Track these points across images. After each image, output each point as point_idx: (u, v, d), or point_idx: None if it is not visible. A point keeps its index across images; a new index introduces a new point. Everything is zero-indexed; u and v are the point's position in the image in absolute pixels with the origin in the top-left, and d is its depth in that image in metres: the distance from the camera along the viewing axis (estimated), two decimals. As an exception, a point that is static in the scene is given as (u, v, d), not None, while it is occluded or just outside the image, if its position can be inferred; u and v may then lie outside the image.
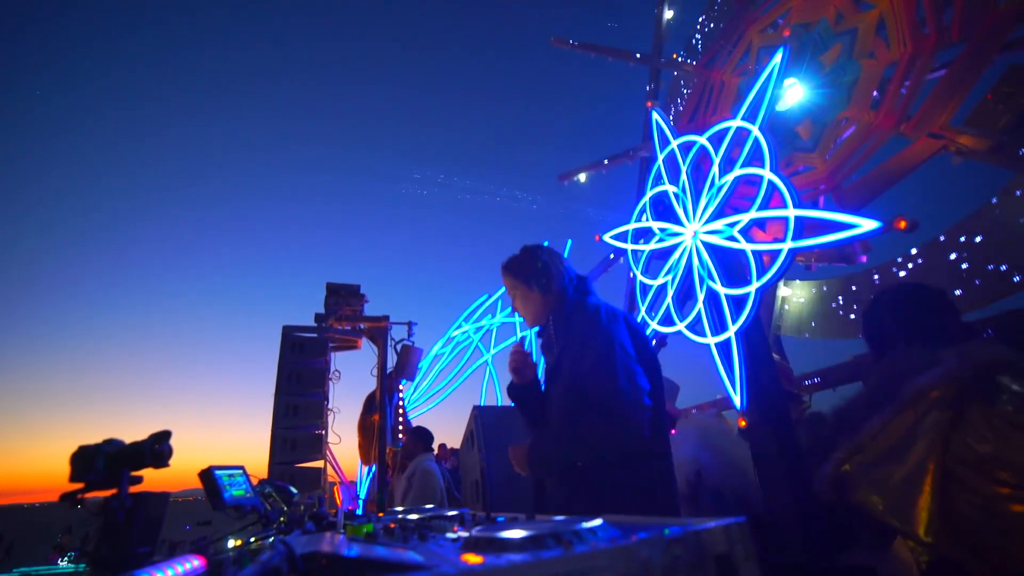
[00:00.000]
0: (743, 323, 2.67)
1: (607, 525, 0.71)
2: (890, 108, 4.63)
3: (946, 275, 4.47)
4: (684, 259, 3.15)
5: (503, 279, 1.97)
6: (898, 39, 4.62)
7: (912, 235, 2.31)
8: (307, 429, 6.52)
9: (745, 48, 6.38)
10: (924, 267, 4.73)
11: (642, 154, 8.12)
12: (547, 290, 1.87)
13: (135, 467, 1.29)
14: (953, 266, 4.44)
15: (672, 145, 3.50)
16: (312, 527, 1.27)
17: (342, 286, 7.17)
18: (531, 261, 1.91)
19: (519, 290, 1.91)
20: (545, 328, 1.89)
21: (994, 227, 4.23)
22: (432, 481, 3.81)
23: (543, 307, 1.89)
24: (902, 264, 4.94)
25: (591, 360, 1.61)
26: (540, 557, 0.55)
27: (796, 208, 2.50)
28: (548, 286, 1.87)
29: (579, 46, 8.15)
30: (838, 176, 5.12)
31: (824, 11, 5.24)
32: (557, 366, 1.76)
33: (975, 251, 4.33)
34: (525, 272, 1.89)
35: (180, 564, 0.83)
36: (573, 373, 1.67)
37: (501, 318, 9.69)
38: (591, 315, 1.73)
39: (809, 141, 5.40)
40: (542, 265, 1.89)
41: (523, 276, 1.89)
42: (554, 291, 1.87)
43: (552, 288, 1.87)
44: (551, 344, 1.83)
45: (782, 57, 2.77)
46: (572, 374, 1.67)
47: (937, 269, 4.57)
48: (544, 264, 1.89)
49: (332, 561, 0.70)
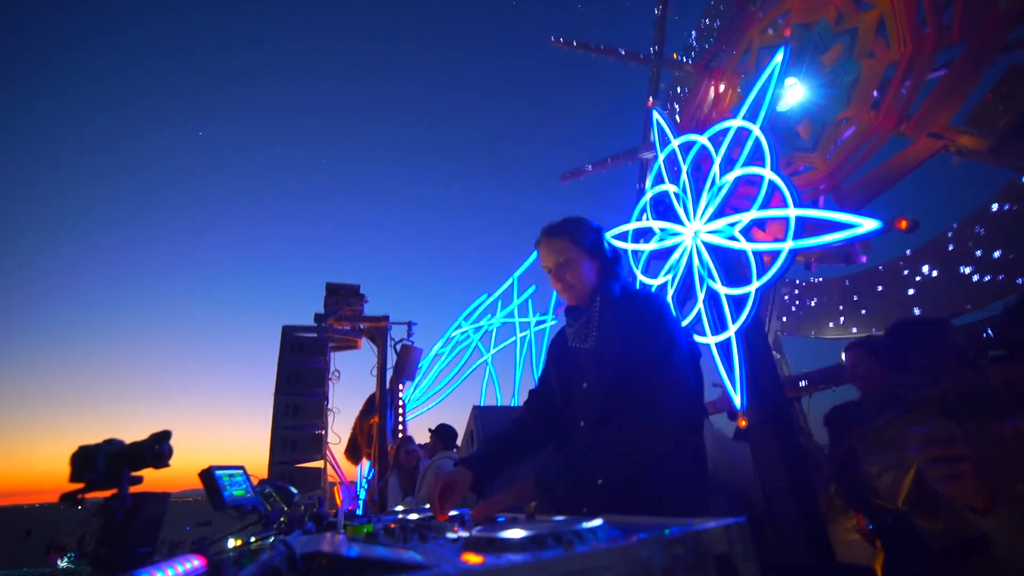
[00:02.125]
0: (743, 323, 2.67)
1: (607, 525, 0.71)
2: (890, 108, 4.63)
3: (947, 275, 4.47)
4: (684, 259, 3.15)
5: (546, 246, 1.67)
6: (898, 39, 4.63)
7: (912, 235, 2.31)
8: (307, 429, 6.52)
9: (745, 48, 6.38)
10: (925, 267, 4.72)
11: (642, 154, 8.12)
12: (606, 259, 1.63)
13: (135, 467, 1.29)
14: (954, 266, 4.44)
15: (672, 145, 3.50)
16: (312, 527, 1.27)
17: (342, 286, 7.17)
18: (589, 227, 1.66)
19: (573, 257, 1.62)
20: (588, 309, 1.61)
21: (995, 227, 4.23)
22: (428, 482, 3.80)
23: (595, 279, 1.63)
24: (903, 264, 4.94)
25: (654, 348, 1.41)
26: (540, 557, 0.55)
27: (796, 208, 2.50)
28: (609, 255, 1.64)
29: (579, 46, 8.16)
30: (838, 176, 5.12)
31: (824, 11, 5.25)
32: (600, 356, 1.52)
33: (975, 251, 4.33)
34: (585, 236, 1.63)
35: (180, 564, 0.83)
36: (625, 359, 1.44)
37: (501, 318, 9.69)
38: (652, 298, 1.56)
39: (809, 141, 5.41)
40: (602, 235, 1.67)
41: (582, 240, 1.62)
42: (613, 261, 1.64)
43: (612, 256, 1.65)
44: (590, 329, 1.58)
45: (782, 57, 2.77)
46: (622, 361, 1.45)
47: (938, 269, 4.57)
48: (601, 232, 1.68)
49: (332, 561, 0.70)
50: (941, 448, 0.87)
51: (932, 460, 0.88)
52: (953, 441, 0.87)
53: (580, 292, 1.62)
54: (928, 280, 4.67)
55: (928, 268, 4.69)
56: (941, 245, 4.61)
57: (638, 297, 1.56)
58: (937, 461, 0.87)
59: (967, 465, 0.86)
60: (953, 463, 0.86)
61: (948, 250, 4.53)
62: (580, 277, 1.61)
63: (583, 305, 1.62)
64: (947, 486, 0.88)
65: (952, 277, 4.44)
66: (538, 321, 9.45)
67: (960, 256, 4.43)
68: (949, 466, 0.87)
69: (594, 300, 1.60)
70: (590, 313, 1.59)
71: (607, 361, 1.48)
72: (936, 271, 4.59)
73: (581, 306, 1.62)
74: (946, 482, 0.88)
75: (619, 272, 1.64)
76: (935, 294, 4.57)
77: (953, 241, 4.51)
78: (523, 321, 9.56)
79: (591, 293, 1.61)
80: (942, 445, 0.87)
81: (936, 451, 0.87)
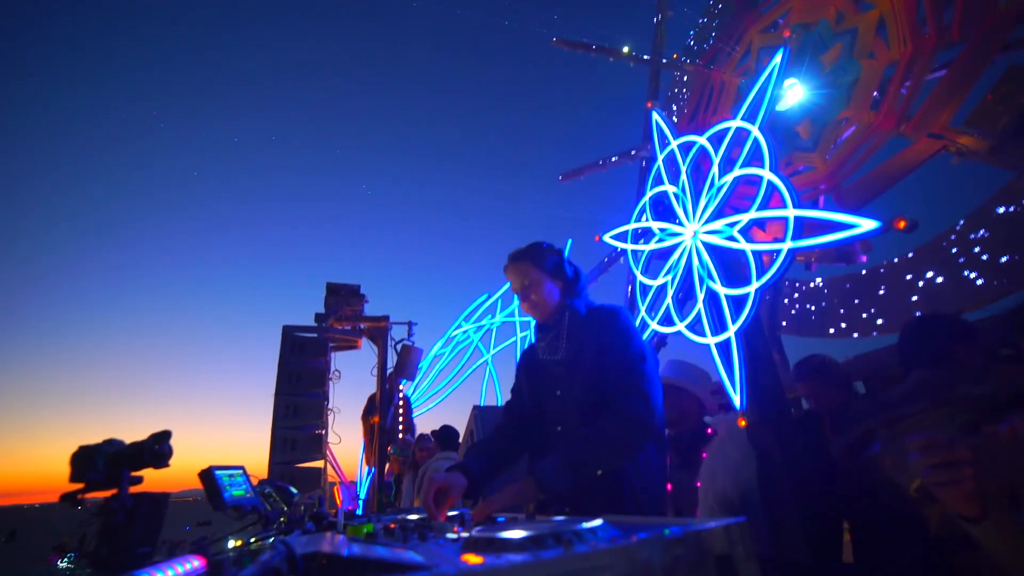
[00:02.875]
0: (743, 323, 2.67)
1: (607, 525, 0.71)
2: (890, 108, 4.63)
3: (947, 275, 4.47)
4: (684, 259, 3.15)
5: (512, 270, 1.83)
6: (898, 39, 4.62)
7: (912, 235, 2.32)
8: (307, 429, 6.53)
9: (745, 48, 6.38)
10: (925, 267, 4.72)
11: (642, 154, 8.12)
12: (567, 279, 1.79)
13: (135, 467, 1.29)
14: (955, 266, 4.44)
15: (672, 145, 3.50)
16: (312, 527, 1.27)
17: (342, 286, 7.17)
18: (549, 250, 1.83)
19: (536, 278, 1.77)
20: (557, 324, 1.77)
21: (996, 226, 4.23)
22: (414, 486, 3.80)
23: (561, 298, 1.78)
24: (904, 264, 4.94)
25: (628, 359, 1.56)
26: (540, 557, 0.55)
27: (796, 208, 2.50)
28: (569, 275, 1.79)
29: (580, 46, 8.16)
30: (838, 176, 5.12)
31: (824, 11, 5.24)
32: (573, 363, 1.67)
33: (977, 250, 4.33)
34: (545, 259, 1.79)
35: (180, 564, 0.83)
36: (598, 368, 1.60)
37: (501, 318, 9.69)
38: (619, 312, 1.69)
39: (809, 141, 5.40)
40: (559, 253, 1.83)
41: (543, 263, 1.78)
42: (574, 280, 1.80)
43: (572, 276, 1.80)
44: (559, 342, 1.74)
45: (782, 57, 2.77)
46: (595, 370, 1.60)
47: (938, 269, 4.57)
48: (561, 254, 1.83)
49: (332, 561, 0.70)
50: (942, 453, 0.87)
51: (932, 466, 0.88)
52: (953, 446, 0.87)
53: (545, 310, 1.77)
54: (929, 281, 4.67)
55: (928, 268, 4.69)
56: (942, 245, 4.61)
57: (604, 312, 1.71)
58: (937, 467, 0.87)
59: (967, 469, 0.86)
60: (953, 468, 0.86)
61: (950, 252, 4.53)
62: (543, 296, 1.76)
63: (551, 321, 1.77)
64: (946, 491, 0.88)
65: (954, 277, 4.44)
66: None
67: (961, 256, 4.43)
68: (949, 471, 0.86)
69: (562, 316, 1.76)
70: (559, 328, 1.75)
71: (580, 370, 1.63)
72: (937, 272, 4.59)
73: (549, 322, 1.78)
74: (946, 487, 0.88)
75: (581, 290, 1.80)
76: (936, 294, 4.57)
77: (955, 242, 4.51)
78: (523, 321, 9.57)
79: (557, 310, 1.77)
80: (943, 450, 0.87)
81: (937, 457, 0.87)
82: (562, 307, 1.77)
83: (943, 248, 4.56)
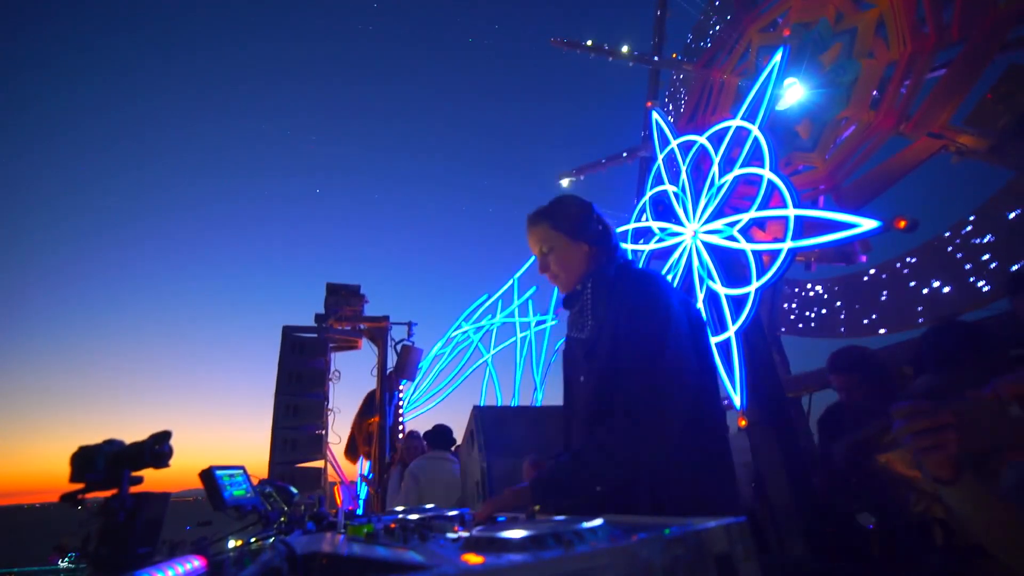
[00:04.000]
0: (743, 323, 2.67)
1: (607, 525, 0.71)
2: (890, 108, 4.63)
3: (948, 275, 4.47)
4: (684, 259, 3.15)
5: (530, 234, 1.58)
6: (898, 38, 4.62)
7: (912, 234, 2.32)
8: (307, 429, 6.52)
9: (745, 48, 6.38)
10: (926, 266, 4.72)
11: (642, 154, 8.12)
12: (596, 241, 1.51)
13: (135, 467, 1.29)
14: (954, 266, 4.43)
15: (672, 145, 3.50)
16: (312, 527, 1.27)
17: (342, 286, 7.17)
18: (574, 205, 1.55)
19: (556, 242, 1.52)
20: (581, 293, 1.50)
21: (996, 226, 4.23)
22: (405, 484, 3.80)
23: (586, 264, 1.51)
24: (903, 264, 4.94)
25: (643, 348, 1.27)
26: (541, 557, 0.55)
27: (796, 208, 2.50)
28: (598, 237, 1.51)
29: (579, 46, 8.15)
30: (838, 176, 5.12)
31: (824, 10, 5.24)
32: (593, 346, 1.40)
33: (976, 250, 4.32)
34: (568, 217, 1.52)
35: (180, 564, 0.83)
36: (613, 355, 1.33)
37: (501, 318, 9.69)
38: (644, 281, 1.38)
39: (809, 141, 5.40)
40: (589, 211, 1.54)
41: (564, 223, 1.52)
42: (602, 240, 1.52)
43: (603, 240, 1.52)
44: (584, 317, 1.47)
45: (782, 56, 2.78)
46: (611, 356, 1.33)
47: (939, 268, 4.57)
48: (591, 209, 1.54)
49: (332, 561, 0.70)
50: (926, 420, 0.88)
51: (916, 432, 0.89)
52: (936, 411, 0.88)
53: (568, 279, 1.53)
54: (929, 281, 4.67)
55: (928, 269, 4.68)
56: (941, 245, 4.61)
57: (629, 279, 1.41)
58: (921, 433, 0.89)
59: (951, 433, 0.87)
60: (937, 433, 0.88)
61: (948, 251, 4.53)
62: (565, 264, 1.52)
63: (576, 292, 1.51)
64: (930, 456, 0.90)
65: (953, 278, 4.44)
66: (538, 322, 9.45)
67: (961, 256, 4.43)
68: (932, 436, 0.88)
69: (586, 286, 1.49)
70: (583, 300, 1.49)
71: (598, 351, 1.37)
72: (937, 272, 4.59)
73: (575, 293, 1.52)
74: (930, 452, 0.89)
75: (612, 252, 1.52)
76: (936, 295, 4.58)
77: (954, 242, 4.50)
78: (523, 321, 9.57)
79: (582, 278, 1.51)
80: (927, 416, 0.88)
81: (921, 423, 0.88)
82: (587, 275, 1.50)
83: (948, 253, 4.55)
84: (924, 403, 0.89)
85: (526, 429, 2.83)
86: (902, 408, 0.90)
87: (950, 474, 0.89)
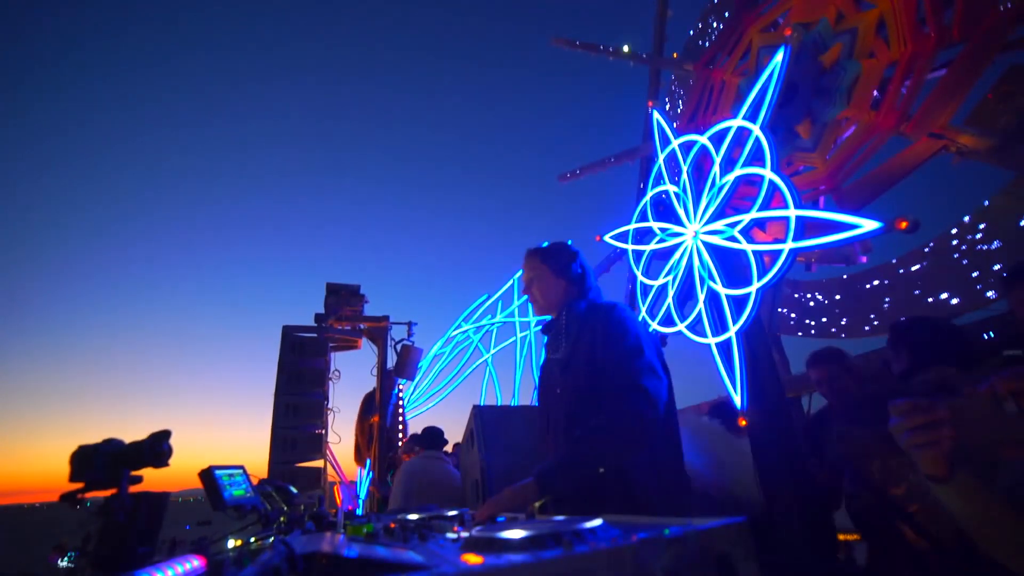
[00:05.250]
0: (744, 323, 2.67)
1: (607, 525, 0.71)
2: (890, 108, 4.62)
3: (948, 275, 4.47)
4: (685, 259, 3.15)
5: (525, 262, 1.93)
6: (898, 38, 4.62)
7: (913, 235, 2.31)
8: (307, 429, 6.53)
9: (745, 48, 6.37)
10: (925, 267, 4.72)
11: (642, 154, 8.12)
12: (571, 279, 1.84)
13: (135, 467, 1.29)
14: (955, 265, 4.43)
15: (673, 145, 3.50)
16: (312, 527, 1.27)
17: (342, 286, 7.17)
18: (563, 251, 1.89)
19: (540, 273, 1.87)
20: (556, 321, 1.83)
21: (996, 227, 4.23)
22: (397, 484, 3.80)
23: (562, 296, 1.84)
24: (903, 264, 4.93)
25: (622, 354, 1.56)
26: (540, 557, 0.55)
27: (797, 208, 2.50)
28: (576, 278, 1.84)
29: (580, 46, 8.15)
30: (838, 176, 5.12)
31: (824, 10, 5.24)
32: (568, 361, 1.69)
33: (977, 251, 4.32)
34: (554, 257, 1.86)
35: (180, 564, 0.83)
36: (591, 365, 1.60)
37: (501, 318, 9.69)
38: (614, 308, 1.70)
39: (809, 141, 5.40)
40: (574, 258, 1.87)
41: (551, 260, 1.86)
42: (578, 281, 1.85)
43: (577, 278, 1.84)
44: (559, 338, 1.78)
45: (782, 56, 2.77)
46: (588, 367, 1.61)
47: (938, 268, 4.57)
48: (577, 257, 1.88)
49: (332, 561, 0.69)
50: (922, 416, 0.88)
51: (912, 429, 0.89)
52: (933, 408, 0.88)
53: (544, 305, 1.86)
54: (929, 281, 4.66)
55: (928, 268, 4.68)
56: (942, 245, 4.60)
57: (601, 309, 1.72)
58: (917, 430, 0.88)
59: (946, 429, 0.87)
60: (933, 430, 0.87)
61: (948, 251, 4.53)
62: (544, 291, 1.85)
63: (553, 320, 1.85)
64: (926, 453, 0.89)
65: (952, 277, 4.43)
66: (538, 322, 9.45)
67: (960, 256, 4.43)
68: (928, 433, 0.88)
69: (561, 314, 1.81)
70: (559, 326, 1.80)
71: (574, 367, 1.65)
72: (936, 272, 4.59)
73: (552, 320, 1.85)
74: (925, 448, 0.89)
75: (584, 290, 1.83)
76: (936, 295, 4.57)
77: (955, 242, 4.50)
78: (523, 321, 9.57)
79: (558, 308, 1.83)
80: (923, 413, 0.88)
81: (918, 419, 0.88)
82: (564, 306, 1.82)
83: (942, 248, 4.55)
84: (922, 401, 0.89)
85: (526, 429, 2.83)
86: (899, 405, 0.90)
87: (944, 472, 0.89)
